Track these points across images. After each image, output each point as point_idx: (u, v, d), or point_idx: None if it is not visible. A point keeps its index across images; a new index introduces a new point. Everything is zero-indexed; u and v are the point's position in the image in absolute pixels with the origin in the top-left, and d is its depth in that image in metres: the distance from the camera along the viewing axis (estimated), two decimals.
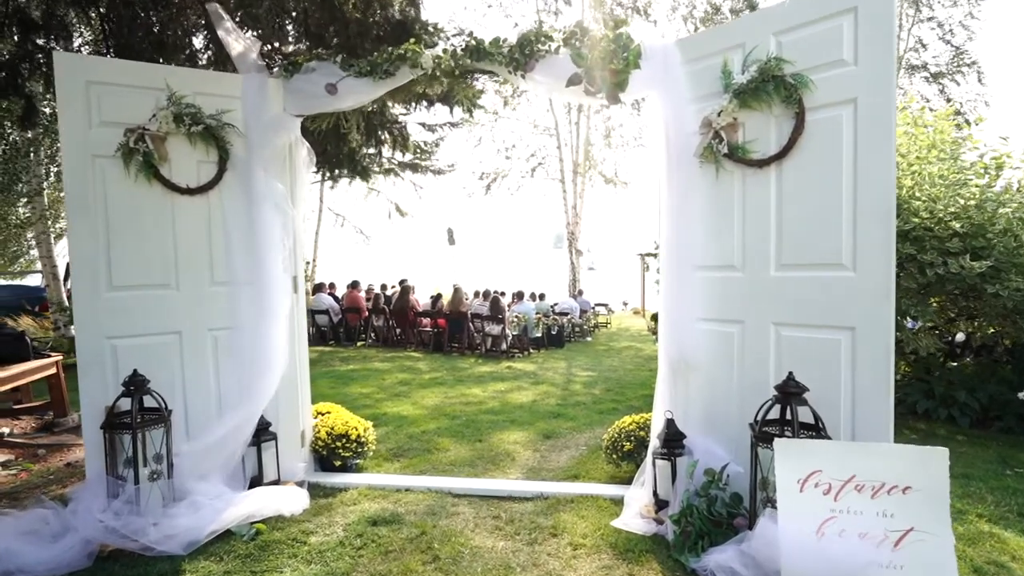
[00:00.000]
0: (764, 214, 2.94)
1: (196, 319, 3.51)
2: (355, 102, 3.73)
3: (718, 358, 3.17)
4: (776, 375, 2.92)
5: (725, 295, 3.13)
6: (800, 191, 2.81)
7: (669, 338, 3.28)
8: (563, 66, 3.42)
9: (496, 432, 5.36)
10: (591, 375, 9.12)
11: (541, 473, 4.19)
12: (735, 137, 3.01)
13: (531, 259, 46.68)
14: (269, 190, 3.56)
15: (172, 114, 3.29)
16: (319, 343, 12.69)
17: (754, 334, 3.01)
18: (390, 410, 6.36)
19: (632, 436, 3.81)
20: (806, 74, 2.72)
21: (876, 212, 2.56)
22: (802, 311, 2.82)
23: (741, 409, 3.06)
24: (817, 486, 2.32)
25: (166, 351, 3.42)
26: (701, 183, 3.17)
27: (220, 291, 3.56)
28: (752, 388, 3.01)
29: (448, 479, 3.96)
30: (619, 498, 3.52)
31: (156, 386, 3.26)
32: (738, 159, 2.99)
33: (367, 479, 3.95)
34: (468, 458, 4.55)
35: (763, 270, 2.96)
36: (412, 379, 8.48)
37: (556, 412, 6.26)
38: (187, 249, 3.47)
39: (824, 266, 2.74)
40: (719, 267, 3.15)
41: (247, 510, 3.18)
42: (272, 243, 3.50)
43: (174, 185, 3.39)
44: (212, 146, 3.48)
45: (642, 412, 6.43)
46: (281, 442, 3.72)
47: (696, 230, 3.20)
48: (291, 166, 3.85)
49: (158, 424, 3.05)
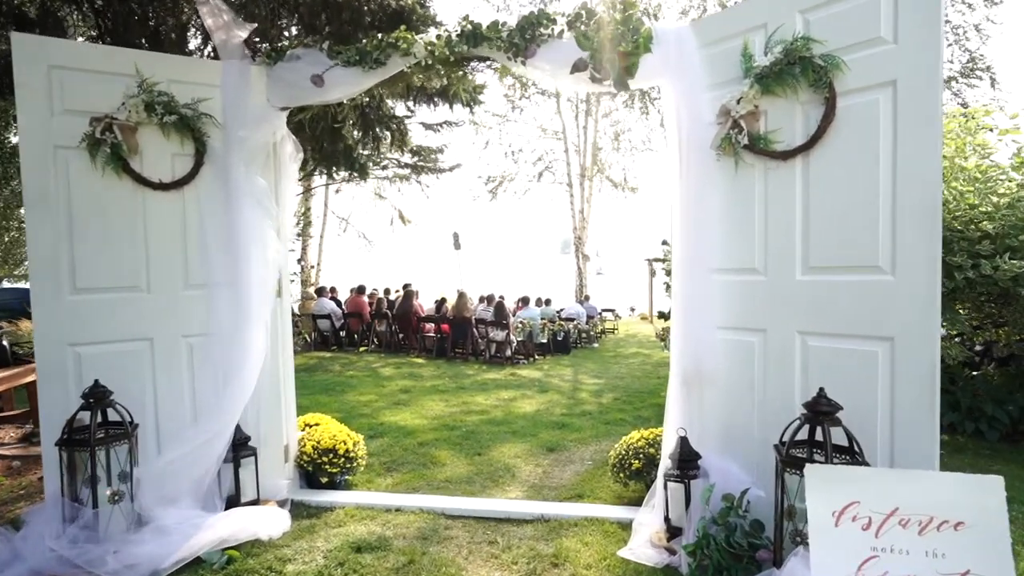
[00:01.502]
0: (789, 211, 2.65)
1: (169, 325, 3.25)
2: (343, 94, 3.47)
3: (737, 370, 2.87)
4: (803, 390, 2.63)
5: (745, 301, 2.84)
6: (830, 185, 2.52)
7: (682, 348, 2.99)
8: (567, 51, 3.15)
9: (497, 444, 5.07)
10: (598, 383, 8.81)
11: (543, 491, 3.89)
12: (756, 126, 2.73)
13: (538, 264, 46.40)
14: (250, 186, 3.30)
15: (143, 102, 3.05)
16: (321, 348, 12.47)
17: (778, 344, 2.71)
18: (389, 419, 6.08)
19: (641, 453, 3.51)
20: (838, 55, 2.43)
21: (918, 208, 2.26)
22: (832, 319, 2.52)
23: (763, 427, 2.76)
24: (855, 520, 2.02)
25: (136, 360, 3.17)
26: (718, 178, 2.88)
27: (196, 295, 3.30)
28: (775, 404, 2.71)
29: (442, 498, 3.67)
30: (627, 522, 3.22)
31: (125, 398, 3.00)
32: (760, 151, 2.70)
33: (356, 497, 3.67)
34: (466, 474, 4.27)
35: (788, 273, 2.67)
36: (414, 386, 8.21)
37: (561, 423, 5.96)
38: (159, 249, 3.22)
39: (858, 269, 2.44)
40: (738, 270, 2.86)
41: (220, 534, 2.91)
42: (251, 243, 3.24)
43: (145, 179, 3.15)
44: (188, 138, 3.23)
45: (651, 425, 6.14)
46: (262, 458, 3.45)
47: (712, 230, 2.92)
48: (276, 162, 3.60)
49: (121, 440, 2.79)
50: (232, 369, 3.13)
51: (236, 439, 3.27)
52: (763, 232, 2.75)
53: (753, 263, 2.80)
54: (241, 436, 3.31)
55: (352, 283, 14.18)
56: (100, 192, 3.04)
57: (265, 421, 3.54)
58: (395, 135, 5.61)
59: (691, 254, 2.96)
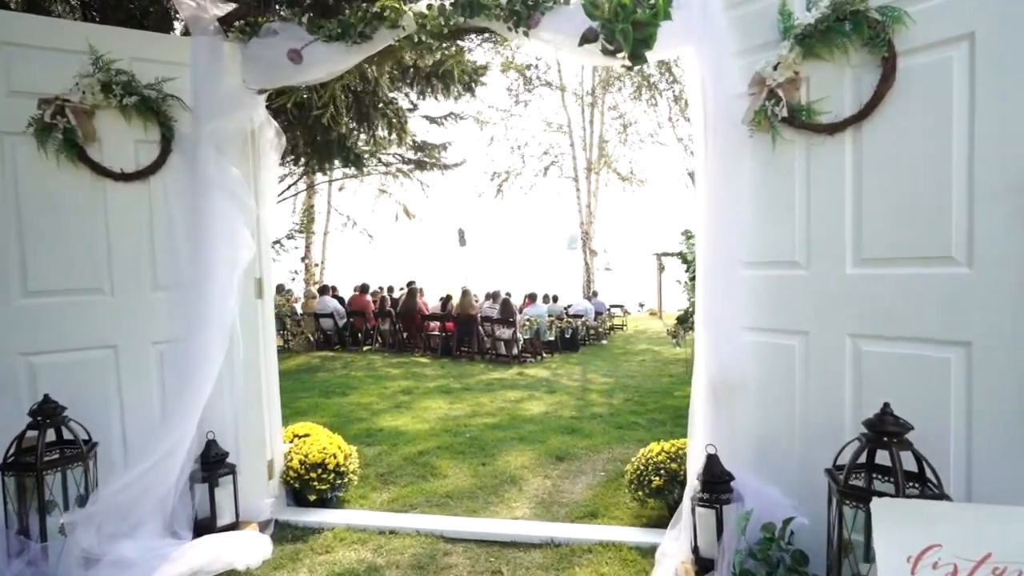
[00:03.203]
0: (836, 194, 2.27)
1: (135, 330, 2.92)
2: (325, 72, 3.12)
3: (773, 378, 2.51)
4: (854, 402, 2.26)
5: (782, 299, 2.47)
6: (888, 162, 2.14)
7: (708, 352, 2.63)
8: (575, 19, 2.78)
9: (502, 452, 4.73)
10: (608, 382, 8.47)
11: (552, 508, 3.55)
12: (796, 96, 2.35)
13: (545, 260, 46.00)
14: (222, 176, 2.97)
15: (99, 82, 2.71)
16: (324, 347, 12.18)
17: (823, 349, 2.34)
18: (387, 424, 5.76)
19: (662, 469, 3.15)
20: (900, 6, 2.05)
21: (1002, 187, 1.88)
22: (891, 319, 2.15)
23: (805, 445, 2.40)
24: (936, 567, 1.65)
25: (98, 369, 2.84)
26: (750, 157, 2.51)
27: (165, 296, 2.97)
28: (820, 418, 2.35)
29: (441, 519, 3.33)
30: (647, 547, 2.88)
31: (87, 412, 2.68)
32: (801, 124, 2.33)
33: (347, 517, 3.34)
34: (468, 487, 3.93)
35: (835, 266, 2.29)
36: (416, 387, 7.90)
37: (570, 427, 5.62)
38: (123, 246, 2.88)
39: (923, 260, 2.06)
40: (774, 263, 2.49)
41: (190, 566, 2.59)
42: (219, 240, 2.90)
43: (105, 169, 2.81)
44: (152, 123, 2.89)
45: (665, 429, 5.80)
46: (243, 475, 3.12)
47: (743, 217, 2.55)
48: (254, 149, 3.26)
49: (75, 463, 2.47)
50: (187, 376, 2.80)
51: (212, 456, 2.95)
52: (804, 219, 2.38)
53: (792, 255, 2.43)
54: (217, 453, 2.98)
55: (356, 281, 13.88)
56: (53, 184, 2.71)
57: (246, 435, 3.21)
58: (393, 124, 5.25)
59: (718, 245, 2.59)
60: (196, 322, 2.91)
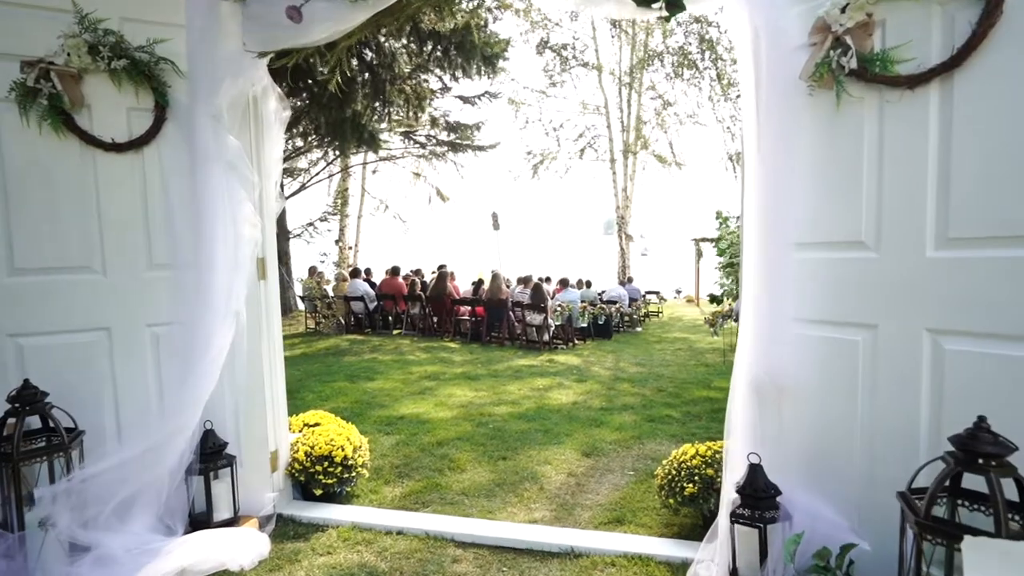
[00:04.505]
0: (917, 161, 1.89)
1: (130, 312, 2.75)
2: (328, 32, 2.84)
3: (830, 379, 2.15)
4: (932, 411, 1.90)
5: (845, 286, 2.10)
6: (987, 120, 1.75)
7: (754, 347, 2.28)
8: None
9: (525, 446, 4.47)
10: (641, 371, 8.11)
11: (575, 511, 3.27)
12: (869, 43, 1.96)
13: (580, 245, 45.37)
14: (220, 148, 2.74)
15: (86, 43, 2.51)
16: (355, 331, 12.14)
17: (894, 346, 1.97)
18: (409, 411, 5.57)
19: (696, 475, 2.82)
20: None
21: None
22: (983, 313, 1.77)
23: (869, 459, 2.05)
24: None
25: (90, 353, 2.68)
26: (809, 120, 2.14)
27: (162, 276, 2.79)
28: (889, 428, 1.99)
29: (453, 520, 3.09)
30: (678, 563, 2.58)
31: (78, 398, 2.54)
32: (874, 77, 1.95)
33: (353, 514, 3.14)
34: (486, 483, 3.68)
35: (913, 248, 1.92)
36: (442, 372, 7.71)
37: (599, 419, 5.31)
38: (116, 222, 2.70)
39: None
40: (835, 244, 2.12)
41: (178, 563, 2.42)
42: (218, 216, 2.69)
43: (95, 139, 2.62)
44: (145, 88, 2.69)
45: (701, 424, 5.42)
46: (243, 467, 2.95)
47: (798, 190, 2.18)
48: (256, 119, 3.03)
49: (57, 452, 2.31)
50: (191, 363, 2.61)
51: (210, 446, 2.77)
52: (875, 192, 2.00)
53: (858, 234, 2.05)
54: (216, 443, 2.80)
55: (389, 264, 13.79)
56: (39, 154, 2.54)
57: (247, 425, 3.02)
58: (410, 99, 4.96)
59: (769, 224, 2.23)
60: (197, 305, 2.71)
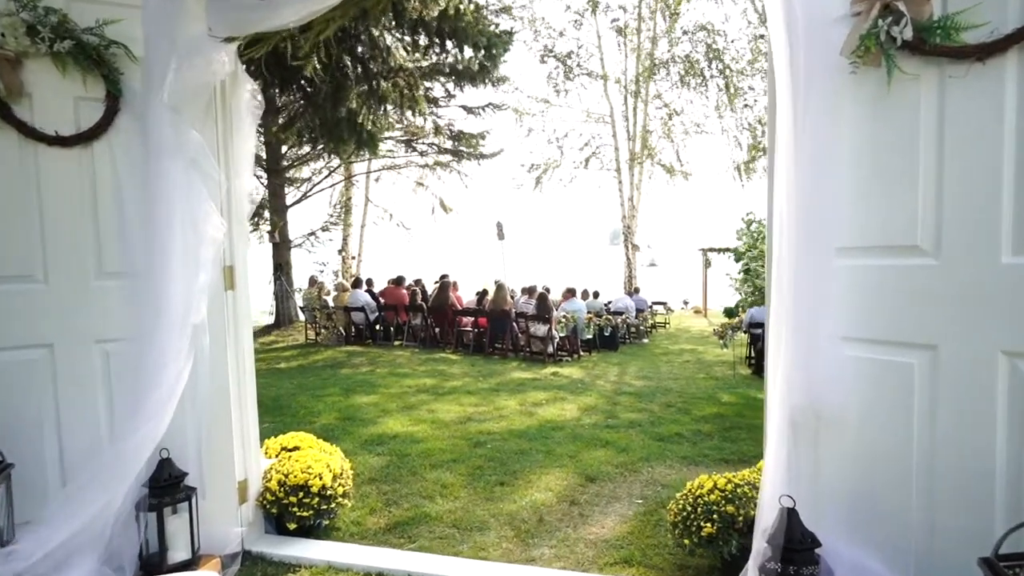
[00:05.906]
0: (989, 149, 1.57)
1: (76, 326, 2.45)
2: (299, 14, 2.55)
3: (879, 409, 1.82)
4: (1011, 448, 1.56)
5: (896, 299, 1.77)
6: None
7: (787, 370, 1.94)
8: None
9: (524, 470, 4.13)
10: (648, 384, 7.77)
11: (577, 548, 2.93)
12: (927, 9, 1.65)
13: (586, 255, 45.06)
14: (180, 141, 2.45)
15: (23, 23, 2.23)
16: (355, 342, 11.84)
17: (961, 370, 1.64)
18: (402, 429, 5.25)
19: (715, 512, 2.48)
20: None
21: None
22: None
23: (928, 504, 1.71)
24: None
25: (29, 372, 2.38)
26: (852, 102, 1.82)
27: (113, 286, 2.49)
28: (955, 467, 1.66)
29: (439, 560, 2.75)
30: None
31: (14, 425, 2.24)
32: (934, 49, 1.63)
33: (330, 551, 2.81)
34: (479, 517, 3.34)
35: (984, 253, 1.59)
36: (440, 386, 7.39)
37: (604, 439, 4.97)
38: (60, 225, 2.41)
39: None
40: (885, 249, 1.80)
41: None
42: (175, 218, 2.39)
43: (36, 131, 2.33)
44: (94, 75, 2.40)
45: (713, 442, 5.06)
46: (206, 499, 2.63)
47: (839, 186, 1.86)
48: (223, 111, 2.74)
49: None
50: (145, 389, 2.29)
51: (164, 478, 2.45)
52: (934, 187, 1.68)
53: (913, 238, 1.73)
54: (172, 473, 2.48)
55: (393, 274, 13.52)
56: None
57: (210, 452, 2.70)
58: (403, 93, 4.69)
59: (804, 226, 1.90)
60: (152, 318, 2.40)
